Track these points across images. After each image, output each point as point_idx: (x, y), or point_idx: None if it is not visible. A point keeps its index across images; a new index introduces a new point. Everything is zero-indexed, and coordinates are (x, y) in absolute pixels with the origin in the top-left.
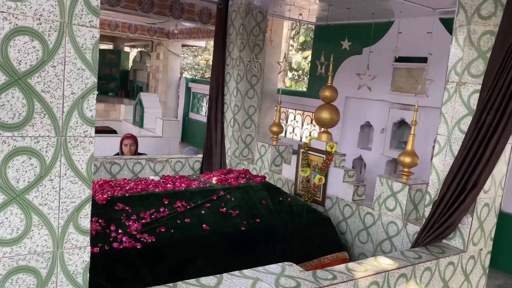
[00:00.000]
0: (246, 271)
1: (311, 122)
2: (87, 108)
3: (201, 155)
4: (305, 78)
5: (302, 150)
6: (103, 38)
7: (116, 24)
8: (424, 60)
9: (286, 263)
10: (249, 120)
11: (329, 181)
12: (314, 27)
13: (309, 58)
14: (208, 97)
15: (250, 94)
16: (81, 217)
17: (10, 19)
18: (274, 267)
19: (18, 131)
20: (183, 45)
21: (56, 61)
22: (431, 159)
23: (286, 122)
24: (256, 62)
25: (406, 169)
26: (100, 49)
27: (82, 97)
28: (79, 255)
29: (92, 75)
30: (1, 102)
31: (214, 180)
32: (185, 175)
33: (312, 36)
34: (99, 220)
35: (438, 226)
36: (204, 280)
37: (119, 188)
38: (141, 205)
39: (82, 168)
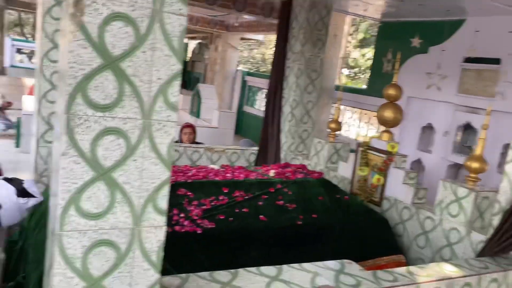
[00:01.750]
0: (306, 265)
1: (368, 121)
2: (171, 93)
3: (256, 148)
4: (362, 75)
5: (361, 148)
6: None
7: None
8: (496, 61)
9: (345, 260)
10: (306, 116)
11: (388, 181)
12: (378, 24)
13: (367, 55)
14: (265, 90)
15: (309, 89)
16: (159, 198)
17: (108, 5)
18: (333, 264)
19: (109, 112)
20: (241, 38)
21: (146, 47)
22: (498, 166)
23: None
24: (318, 57)
25: (473, 175)
26: None
27: (168, 82)
28: (155, 233)
29: (177, 62)
30: (95, 84)
31: (272, 173)
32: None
33: (372, 33)
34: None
35: (508, 236)
36: (264, 269)
37: (181, 174)
38: (202, 192)
39: (163, 151)
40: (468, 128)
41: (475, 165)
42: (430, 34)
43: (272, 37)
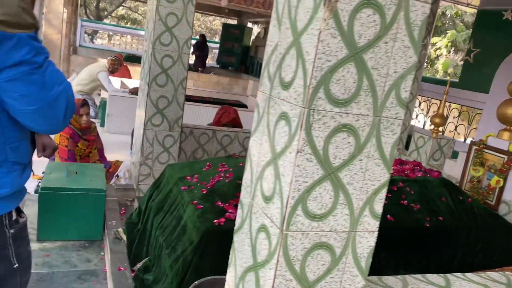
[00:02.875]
0: (469, 275)
1: (459, 116)
2: (403, 89)
3: None
4: (429, 66)
5: (475, 147)
6: (229, 13)
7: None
8: None
9: (507, 272)
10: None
11: (507, 184)
12: (476, 12)
13: (438, 44)
14: None
15: None
16: (376, 201)
17: None
18: (497, 276)
19: (345, 107)
20: None
21: (389, 37)
22: None
23: (427, 113)
24: (422, 45)
25: None
26: (224, 24)
27: (402, 76)
28: (367, 238)
29: (414, 54)
30: (338, 77)
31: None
32: None
33: (444, 21)
34: None
35: None
36: (431, 277)
37: None
38: None
39: (387, 151)
40: None
41: None
42: None
43: None
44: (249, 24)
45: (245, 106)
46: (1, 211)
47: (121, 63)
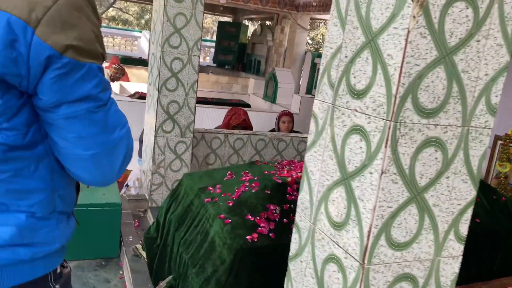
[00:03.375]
0: None
1: None
2: (494, 93)
3: None
4: None
5: (501, 142)
6: (224, 11)
7: None
8: None
9: None
10: None
11: None
12: None
13: None
14: None
15: None
16: (462, 222)
17: None
18: None
19: (433, 118)
20: (311, 19)
21: (481, 34)
22: None
23: None
24: None
25: None
26: (219, 22)
27: (493, 79)
28: (451, 265)
29: (507, 53)
30: (426, 84)
31: None
32: None
33: None
34: None
35: None
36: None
37: None
38: None
39: (475, 165)
40: None
41: None
42: None
43: None
44: (245, 22)
45: (248, 106)
46: (48, 268)
47: (124, 72)
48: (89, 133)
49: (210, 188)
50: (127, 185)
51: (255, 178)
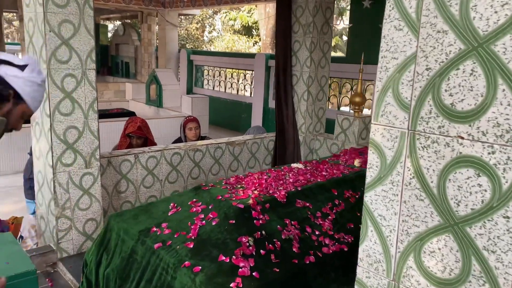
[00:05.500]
0: None
1: (351, 89)
2: None
3: (272, 134)
4: None
5: None
6: None
7: None
8: None
9: None
10: (321, 92)
11: None
12: None
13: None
14: (211, 69)
15: (322, 63)
16: None
17: None
18: None
19: (469, 124)
20: (179, 15)
21: None
22: None
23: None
24: (329, 27)
25: None
26: None
27: None
28: None
29: None
30: (460, 78)
31: (357, 163)
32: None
33: None
34: (292, 222)
35: None
36: None
37: (281, 181)
38: (315, 199)
39: None
40: None
41: None
42: None
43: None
44: (101, 22)
45: (132, 114)
46: None
47: None
48: None
49: (155, 229)
50: (21, 237)
51: (210, 207)
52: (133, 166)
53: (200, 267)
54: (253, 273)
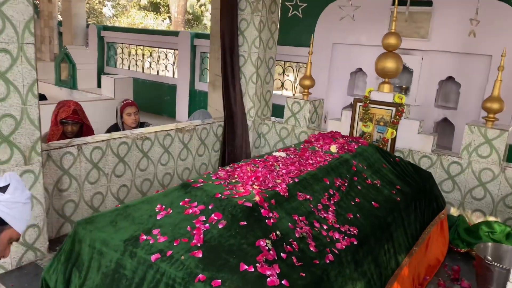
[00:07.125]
0: None
1: (283, 72)
2: None
3: (220, 119)
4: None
5: (360, 104)
6: None
7: None
8: (428, 3)
9: None
10: (268, 75)
11: (398, 134)
12: None
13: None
14: (126, 46)
15: (270, 44)
16: None
17: None
18: None
19: None
20: None
21: None
22: (435, 101)
23: None
24: (276, 5)
25: (492, 115)
26: None
27: None
28: None
29: None
30: None
31: (333, 149)
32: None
33: None
34: (301, 218)
35: None
36: None
37: (274, 173)
38: (312, 190)
39: None
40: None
41: (495, 106)
42: None
43: None
44: None
45: (44, 98)
46: None
47: None
48: None
49: (144, 236)
50: None
51: (209, 208)
52: (76, 159)
53: (220, 281)
54: (282, 281)
